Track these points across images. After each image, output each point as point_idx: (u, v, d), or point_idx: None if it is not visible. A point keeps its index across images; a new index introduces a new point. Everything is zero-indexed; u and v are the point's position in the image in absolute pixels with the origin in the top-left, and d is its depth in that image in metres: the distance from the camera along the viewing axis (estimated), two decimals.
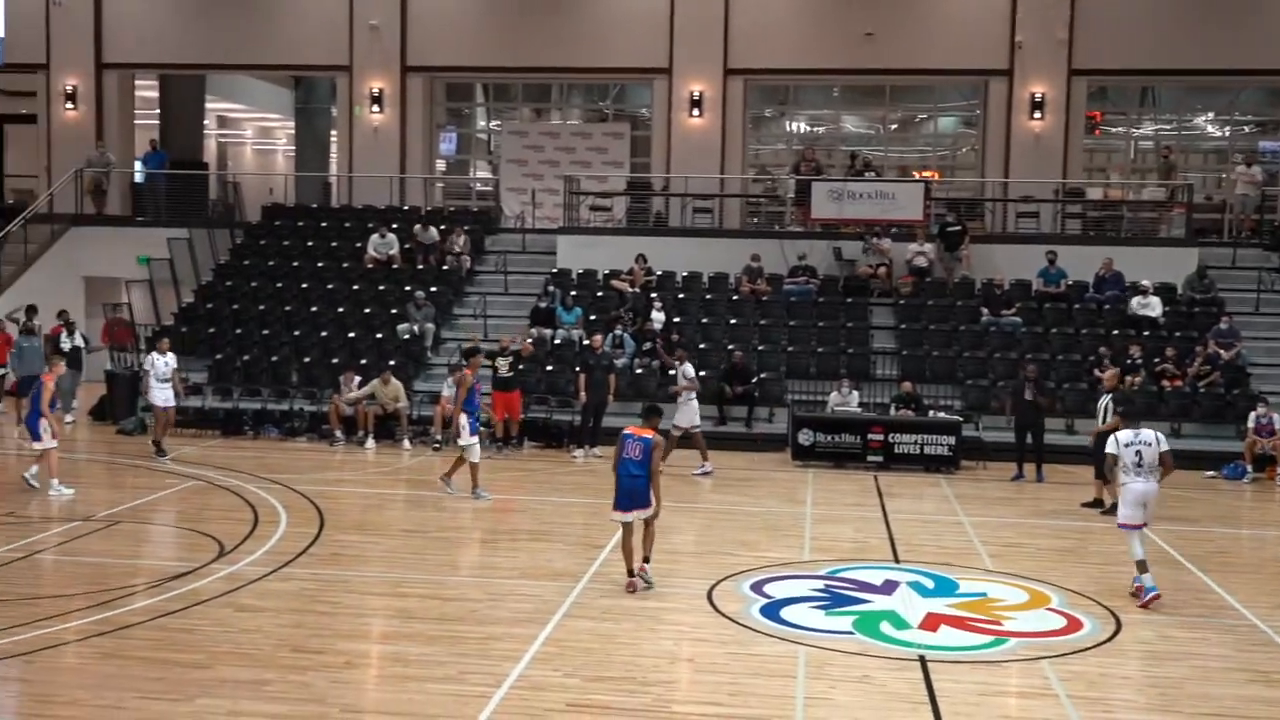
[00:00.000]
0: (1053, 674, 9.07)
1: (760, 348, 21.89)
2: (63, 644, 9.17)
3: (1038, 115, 26.18)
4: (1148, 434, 11.30)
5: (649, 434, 11.14)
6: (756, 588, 11.23)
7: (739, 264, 23.70)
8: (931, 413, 18.91)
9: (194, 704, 7.97)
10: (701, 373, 20.90)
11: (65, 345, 20.96)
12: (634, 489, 11.06)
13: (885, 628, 10.13)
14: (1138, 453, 11.15)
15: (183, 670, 8.58)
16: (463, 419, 15.15)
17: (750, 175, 28.73)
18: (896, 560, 12.58)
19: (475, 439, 15.25)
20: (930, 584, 11.59)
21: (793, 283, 23.44)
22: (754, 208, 28.39)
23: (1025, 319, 22.07)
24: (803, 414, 19.08)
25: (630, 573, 11.01)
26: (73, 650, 9.08)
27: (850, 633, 9.96)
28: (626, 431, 11.22)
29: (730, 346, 21.28)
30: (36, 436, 15.01)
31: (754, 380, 20.44)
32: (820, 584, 11.53)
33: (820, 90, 30.02)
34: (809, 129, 31.23)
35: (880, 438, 18.18)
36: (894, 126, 30.65)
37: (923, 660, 9.29)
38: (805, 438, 18.38)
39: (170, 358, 18.25)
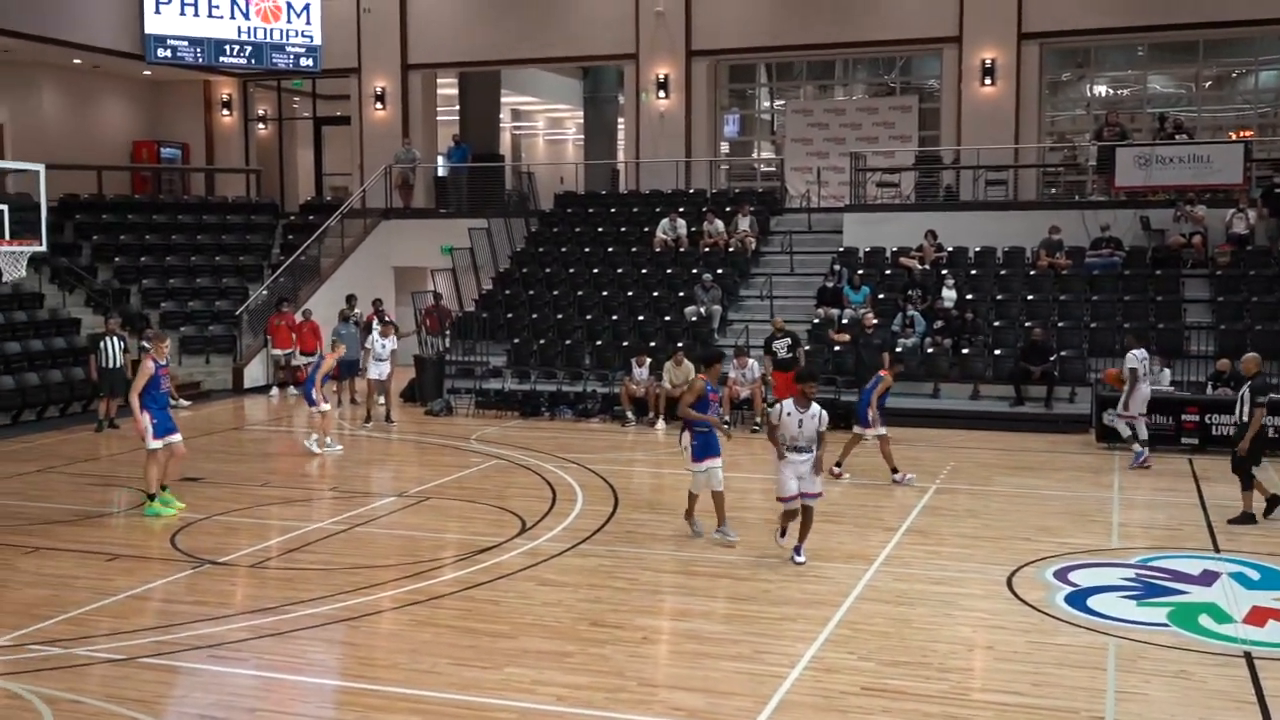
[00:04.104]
0: None
1: (1060, 324, 20.89)
2: (381, 611, 9.77)
3: None
4: (1144, 352, 16.25)
5: (885, 373, 15.10)
6: (1060, 575, 10.73)
7: (1036, 237, 22.67)
8: None
9: (502, 672, 8.32)
10: (997, 351, 20.24)
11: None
12: (857, 408, 15.30)
13: (1205, 621, 9.47)
14: (1145, 363, 16.11)
15: (490, 640, 8.98)
16: (685, 438, 11.96)
17: (1047, 144, 27.44)
18: (1216, 550, 11.73)
19: (704, 465, 11.71)
20: (1255, 575, 10.76)
21: (1095, 255, 22.24)
22: (1051, 178, 27.14)
23: None
24: (1108, 393, 18.09)
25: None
26: (390, 617, 9.66)
27: (1165, 625, 9.37)
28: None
29: (1027, 324, 20.43)
30: (312, 402, 17.23)
31: (1053, 359, 19.56)
32: (1130, 573, 10.90)
33: (1123, 50, 28.27)
34: (1111, 92, 29.50)
35: (1195, 419, 17.01)
36: (1207, 84, 28.53)
37: (1248, 657, 8.62)
38: (1111, 419, 17.43)
39: (390, 339, 20.29)
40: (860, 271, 22.44)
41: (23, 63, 27.76)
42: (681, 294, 23.03)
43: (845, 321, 21.29)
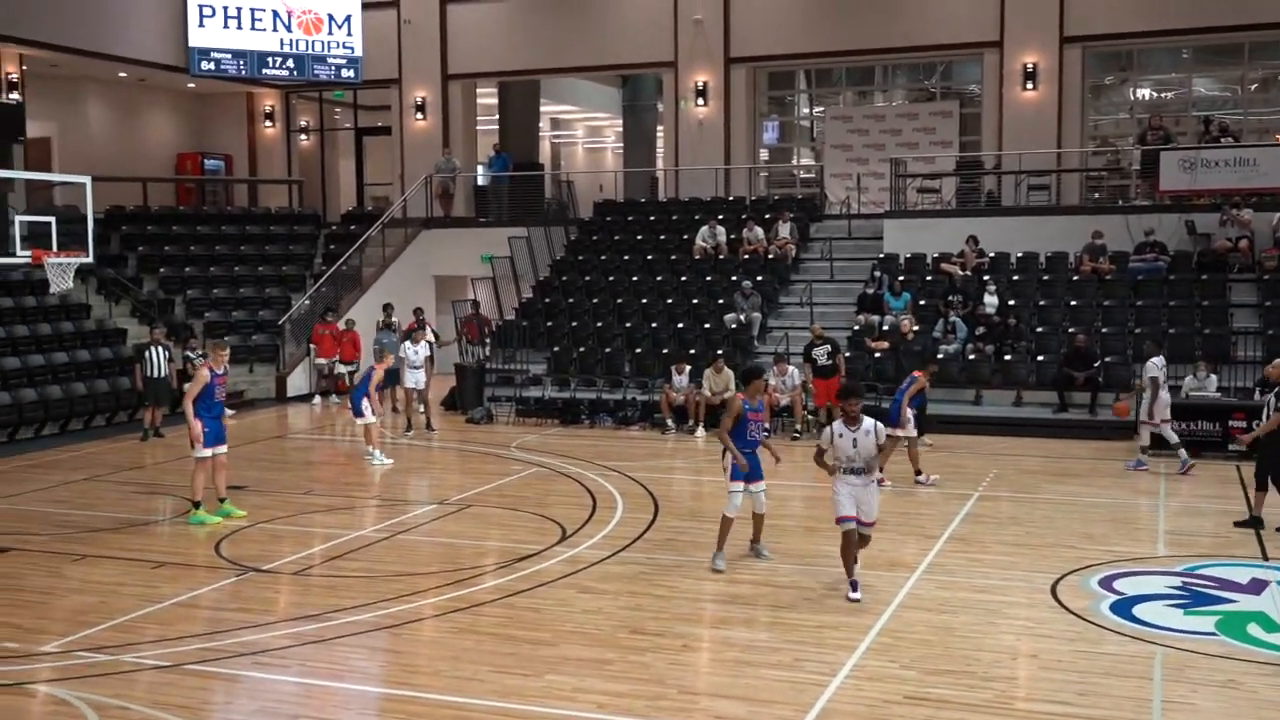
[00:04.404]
0: None
1: (1104, 330, 20.70)
2: (423, 618, 9.81)
3: None
4: (1163, 360, 16.30)
5: (919, 374, 15.19)
6: (1105, 583, 10.61)
7: (1078, 243, 22.48)
8: None
9: (543, 680, 8.33)
10: (1040, 357, 20.07)
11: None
12: (890, 408, 14.93)
13: (1253, 630, 9.33)
14: (1164, 370, 16.28)
15: (532, 647, 8.99)
16: (727, 458, 11.19)
17: (1090, 148, 27.21)
18: (1265, 557, 11.57)
19: (754, 486, 11.18)
20: None
21: (1139, 260, 22.02)
22: (1094, 182, 26.89)
23: None
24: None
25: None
26: (432, 624, 9.70)
27: (1213, 634, 9.24)
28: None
29: (1071, 330, 20.25)
30: (359, 413, 17.14)
31: (1097, 365, 19.37)
32: (1177, 581, 10.76)
33: (1167, 52, 27.99)
34: (1155, 95, 29.22)
35: (1243, 425, 16.74)
36: (1254, 86, 28.18)
37: None
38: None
39: (423, 346, 20.12)
40: (901, 278, 22.34)
41: (70, 77, 28.20)
42: (721, 301, 23.01)
43: (885, 328, 21.18)
